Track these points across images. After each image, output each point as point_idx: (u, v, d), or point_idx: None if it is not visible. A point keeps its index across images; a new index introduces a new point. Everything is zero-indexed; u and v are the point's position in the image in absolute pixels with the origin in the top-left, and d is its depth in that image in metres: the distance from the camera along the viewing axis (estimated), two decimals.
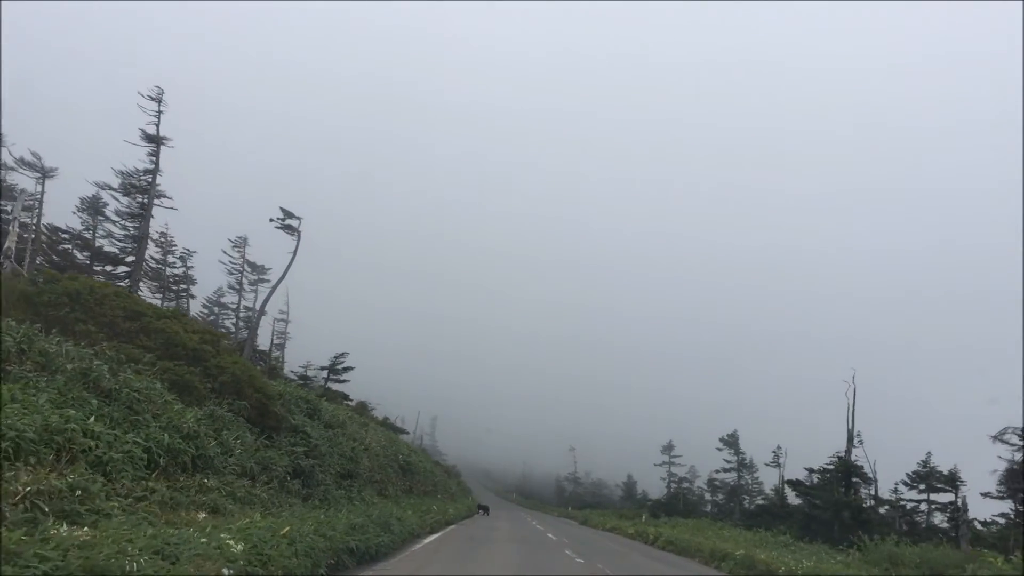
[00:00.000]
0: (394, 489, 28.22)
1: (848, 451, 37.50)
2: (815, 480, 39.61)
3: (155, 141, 33.07)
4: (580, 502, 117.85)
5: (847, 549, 24.56)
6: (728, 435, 76.71)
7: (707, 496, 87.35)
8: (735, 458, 75.96)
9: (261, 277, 59.39)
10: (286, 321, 64.02)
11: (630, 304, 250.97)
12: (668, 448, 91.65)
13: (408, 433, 72.93)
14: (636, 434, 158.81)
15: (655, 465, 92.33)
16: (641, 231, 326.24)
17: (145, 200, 33.00)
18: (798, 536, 31.50)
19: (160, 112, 33.30)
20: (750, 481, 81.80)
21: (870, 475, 38.35)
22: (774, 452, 59.35)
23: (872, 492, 40.00)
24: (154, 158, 33.20)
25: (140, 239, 33.73)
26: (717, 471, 77.78)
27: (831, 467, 38.22)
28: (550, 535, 34.96)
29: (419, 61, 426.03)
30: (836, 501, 34.08)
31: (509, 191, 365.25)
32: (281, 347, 63.93)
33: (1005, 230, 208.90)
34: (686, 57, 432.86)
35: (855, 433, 37.77)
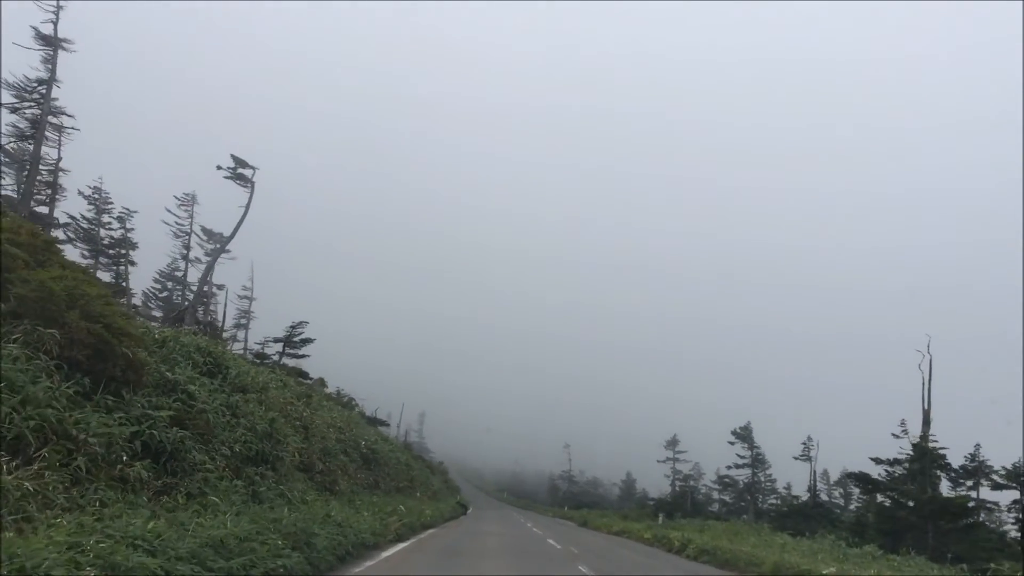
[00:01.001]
0: (349, 483, 21.29)
1: (925, 436, 30.66)
2: (883, 474, 32.60)
3: (51, 44, 25.99)
4: (575, 501, 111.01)
5: (970, 566, 17.82)
6: (741, 428, 69.98)
7: (715, 495, 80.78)
8: (749, 453, 69.23)
9: (221, 247, 52.22)
10: (250, 299, 56.98)
11: (628, 302, 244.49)
12: (672, 443, 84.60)
13: (387, 425, 65.96)
14: (633, 432, 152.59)
15: (658, 462, 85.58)
16: (642, 231, 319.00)
17: (38, 115, 25.92)
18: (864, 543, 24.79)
19: (59, 8, 26.25)
20: (763, 479, 75.25)
21: (955, 467, 31.40)
22: (804, 444, 52.40)
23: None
24: (50, 65, 26.11)
25: (32, 163, 26.60)
26: (729, 467, 71.02)
27: (910, 456, 30.86)
28: (551, 541, 28.14)
29: (421, 60, 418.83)
30: (932, 500, 27.00)
31: (509, 190, 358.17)
32: (244, 327, 56.88)
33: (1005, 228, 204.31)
34: (694, 56, 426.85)
35: (931, 414, 30.89)
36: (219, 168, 38.36)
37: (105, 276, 44.63)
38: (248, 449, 13.24)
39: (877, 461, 32.88)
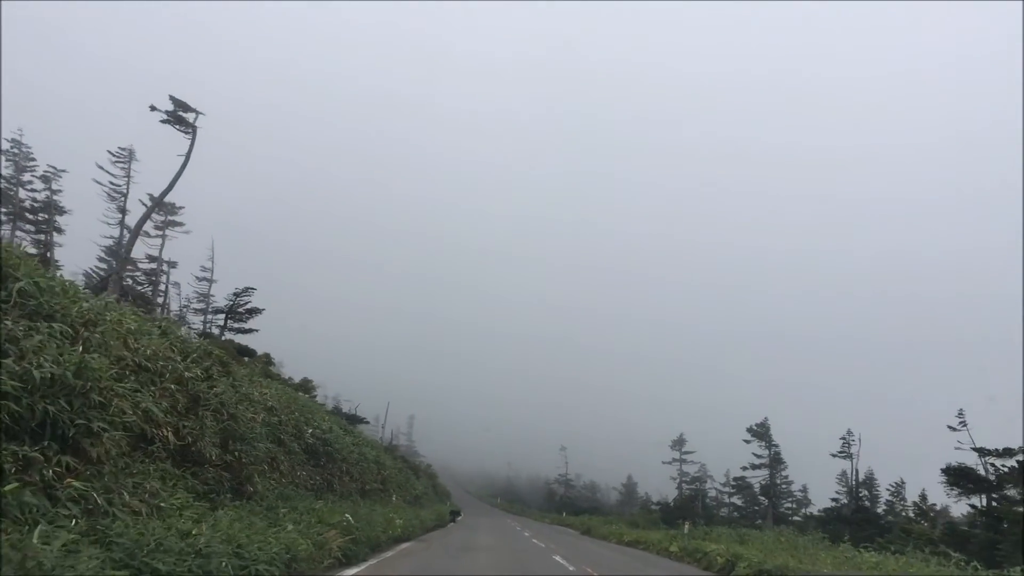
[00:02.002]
0: (276, 482, 14.84)
1: None
2: (991, 468, 26.01)
3: None
4: (573, 507, 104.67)
5: None
6: (757, 425, 63.61)
7: (726, 498, 74.27)
8: (767, 451, 62.80)
9: (172, 219, 45.64)
10: (209, 280, 50.27)
11: (627, 305, 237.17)
12: (679, 443, 78.01)
13: (366, 423, 59.12)
14: (632, 435, 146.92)
15: (663, 463, 79.07)
16: (642, 232, 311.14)
17: None
18: (986, 562, 18.56)
19: None
20: (779, 480, 68.99)
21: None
22: (843, 439, 45.75)
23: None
24: None
25: None
26: (744, 467, 64.52)
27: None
28: (559, 559, 21.76)
29: (416, 63, 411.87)
30: None
31: (509, 192, 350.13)
32: (203, 311, 50.17)
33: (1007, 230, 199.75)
34: (695, 59, 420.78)
35: None
36: (153, 109, 31.77)
37: (29, 245, 38.06)
38: (26, 408, 6.80)
39: (981, 452, 26.03)
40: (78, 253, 48.46)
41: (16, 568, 5.13)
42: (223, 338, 30.75)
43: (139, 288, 39.16)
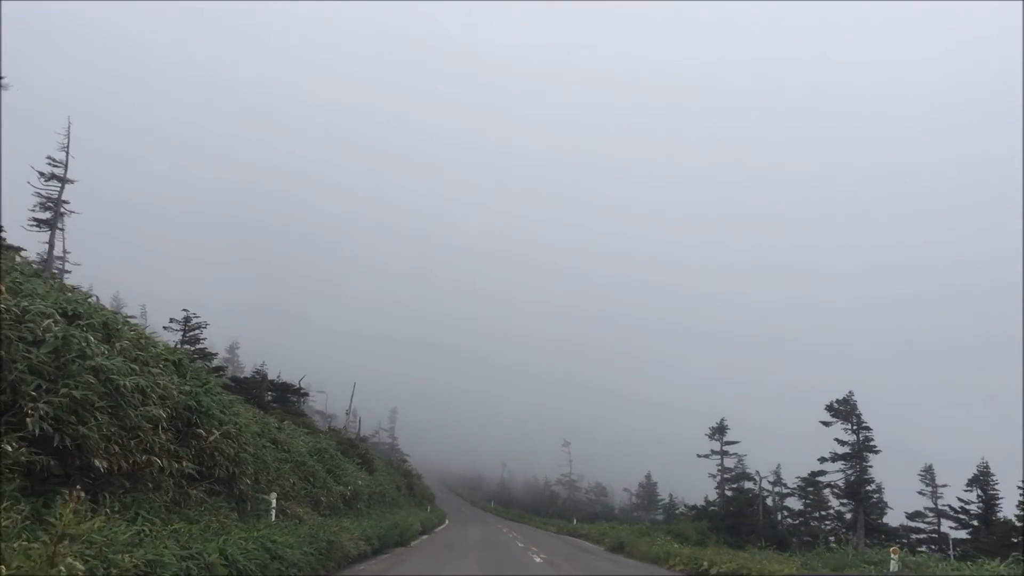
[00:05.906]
0: None
1: None
2: None
3: None
4: (579, 511, 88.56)
5: None
6: (838, 401, 47.59)
7: (780, 501, 58.38)
8: (855, 437, 46.73)
9: None
10: (63, 180, 34.00)
11: (627, 304, 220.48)
12: (719, 431, 61.39)
13: (305, 394, 42.41)
14: (648, 429, 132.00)
15: (699, 457, 62.93)
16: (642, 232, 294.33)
17: None
18: None
19: None
20: (852, 478, 53.02)
21: None
22: None
23: None
24: None
25: None
26: (824, 458, 48.06)
27: None
28: None
29: (418, 57, 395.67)
30: None
31: (509, 191, 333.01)
32: (52, 223, 33.86)
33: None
34: (684, 57, 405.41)
35: None
36: None
37: None
38: None
39: None
40: None
41: None
42: None
43: None
